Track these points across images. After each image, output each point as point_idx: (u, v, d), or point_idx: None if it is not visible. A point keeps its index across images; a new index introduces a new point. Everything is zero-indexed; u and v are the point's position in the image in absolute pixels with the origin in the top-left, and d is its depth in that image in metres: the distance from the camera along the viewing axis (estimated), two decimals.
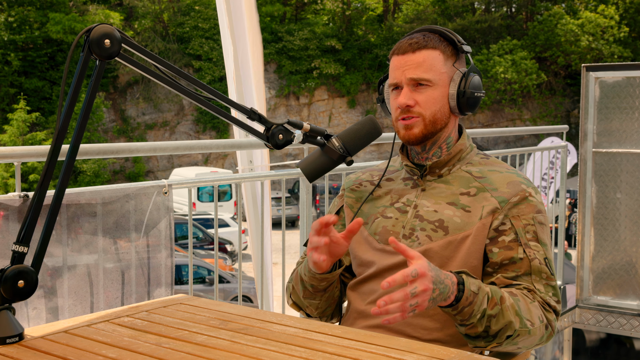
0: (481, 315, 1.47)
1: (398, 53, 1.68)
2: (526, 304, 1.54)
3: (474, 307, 1.46)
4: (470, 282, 1.47)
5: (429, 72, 1.64)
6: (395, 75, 1.67)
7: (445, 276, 1.43)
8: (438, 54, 1.65)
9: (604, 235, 3.98)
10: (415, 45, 1.65)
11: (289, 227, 19.66)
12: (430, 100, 1.65)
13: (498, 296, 1.50)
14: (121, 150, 2.44)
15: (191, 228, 2.61)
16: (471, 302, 1.46)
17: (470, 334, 1.51)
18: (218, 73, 26.81)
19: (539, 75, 28.44)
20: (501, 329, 1.49)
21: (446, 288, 1.42)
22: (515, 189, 1.65)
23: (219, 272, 10.73)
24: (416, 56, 1.65)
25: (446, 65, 1.66)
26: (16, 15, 25.33)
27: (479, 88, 1.68)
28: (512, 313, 1.50)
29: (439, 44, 1.66)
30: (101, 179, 23.62)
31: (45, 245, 1.36)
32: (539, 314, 1.56)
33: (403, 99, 1.65)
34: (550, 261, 1.63)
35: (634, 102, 3.87)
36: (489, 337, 1.50)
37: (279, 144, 1.60)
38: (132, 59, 1.42)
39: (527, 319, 1.52)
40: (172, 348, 1.29)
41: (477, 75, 1.69)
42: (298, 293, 1.75)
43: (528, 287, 1.59)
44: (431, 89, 1.65)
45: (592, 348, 4.17)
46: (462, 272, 1.49)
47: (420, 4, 30.60)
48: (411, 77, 1.65)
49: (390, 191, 1.75)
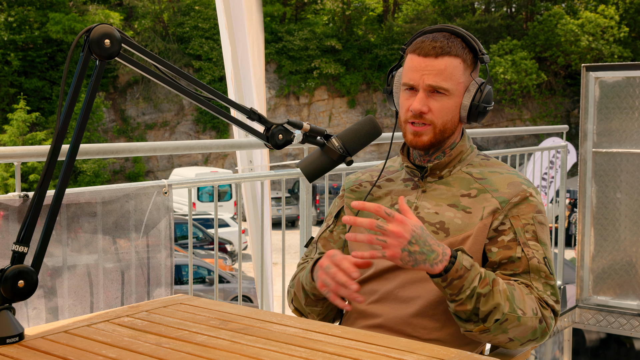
0: (471, 292, 1.48)
1: (420, 54, 1.63)
2: (521, 294, 1.54)
3: (463, 282, 1.47)
4: (463, 258, 1.48)
5: (448, 81, 1.61)
6: (413, 76, 1.63)
7: (435, 243, 1.46)
8: (459, 62, 1.62)
9: (604, 235, 3.98)
10: (439, 50, 1.61)
11: (289, 227, 19.66)
12: (444, 109, 1.63)
13: (491, 278, 1.51)
14: (121, 150, 2.44)
15: (191, 228, 2.61)
16: (461, 275, 1.46)
17: (459, 313, 1.51)
18: (218, 73, 26.80)
19: (539, 75, 28.43)
20: (490, 312, 1.49)
21: (432, 253, 1.45)
22: (515, 190, 1.65)
23: (219, 272, 10.73)
24: (438, 62, 1.61)
25: (465, 74, 1.64)
26: (16, 15, 25.33)
27: (490, 101, 1.67)
28: (503, 297, 1.50)
29: (462, 51, 1.63)
30: (101, 179, 23.61)
31: (45, 245, 1.36)
32: (534, 307, 1.55)
33: (418, 104, 1.62)
34: (550, 261, 1.63)
35: (634, 102, 3.87)
36: (478, 319, 1.50)
37: (278, 144, 1.60)
38: (132, 59, 1.42)
39: (519, 307, 1.52)
40: (172, 348, 1.29)
41: (491, 88, 1.67)
42: (300, 300, 1.74)
43: (526, 284, 1.59)
44: (447, 98, 1.63)
45: (592, 348, 4.17)
46: (459, 249, 1.50)
47: (420, 4, 30.60)
48: (429, 84, 1.61)
49: (391, 192, 1.75)
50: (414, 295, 1.62)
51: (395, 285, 1.64)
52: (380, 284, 1.66)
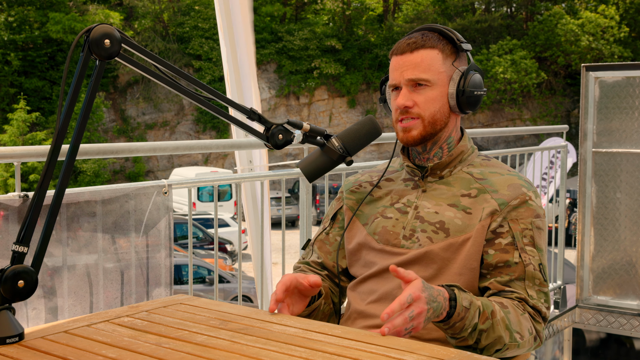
0: (472, 329, 1.48)
1: (397, 53, 1.67)
2: (517, 316, 1.55)
3: (465, 322, 1.47)
4: (462, 298, 1.47)
5: (427, 72, 1.63)
6: (394, 76, 1.67)
7: (437, 293, 1.43)
8: (436, 53, 1.64)
9: (604, 235, 3.98)
10: (413, 45, 1.64)
11: (288, 227, 19.67)
12: (429, 100, 1.64)
13: (489, 310, 1.51)
14: (121, 150, 2.44)
15: (191, 228, 2.61)
16: (462, 317, 1.46)
17: (460, 346, 1.53)
18: (218, 73, 26.81)
19: (539, 75, 28.44)
20: (490, 343, 1.51)
21: (439, 305, 1.43)
22: (515, 192, 1.65)
23: (219, 272, 10.73)
24: (414, 56, 1.64)
25: (445, 64, 1.65)
26: (16, 15, 25.33)
27: (479, 86, 1.67)
28: (503, 327, 1.51)
29: (438, 42, 1.65)
30: (101, 179, 23.62)
31: (45, 245, 1.36)
32: (529, 327, 1.57)
33: (401, 100, 1.65)
34: (545, 267, 1.64)
35: (634, 102, 3.87)
36: (478, 350, 1.52)
37: (278, 144, 1.60)
38: (132, 59, 1.42)
39: (517, 332, 1.53)
40: (172, 348, 1.29)
41: (478, 74, 1.67)
42: None
43: (519, 296, 1.59)
44: (430, 89, 1.64)
45: (592, 348, 4.17)
46: (454, 286, 1.49)
47: (420, 4, 30.61)
48: (409, 78, 1.64)
49: (391, 192, 1.75)
50: None
51: (394, 285, 1.64)
52: (380, 284, 1.66)
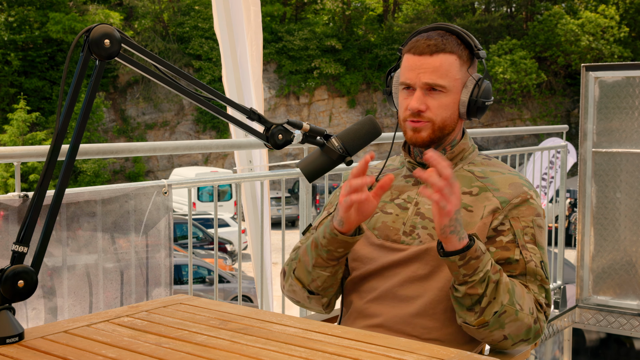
0: (484, 275, 1.49)
1: (415, 53, 1.64)
2: (522, 291, 1.56)
3: (479, 264, 1.48)
4: (480, 242, 1.50)
5: (445, 78, 1.62)
6: (409, 75, 1.64)
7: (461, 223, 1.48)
8: (455, 59, 1.62)
9: (604, 235, 3.98)
10: (434, 48, 1.61)
11: (288, 227, 19.65)
12: (442, 106, 1.63)
13: (498, 268, 1.53)
14: (121, 150, 2.44)
15: (191, 228, 2.61)
16: (478, 256, 1.48)
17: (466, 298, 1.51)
18: (218, 73, 26.79)
19: (539, 75, 28.44)
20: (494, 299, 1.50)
21: (462, 229, 1.47)
22: (517, 191, 1.65)
23: (219, 272, 10.73)
24: (433, 60, 1.61)
25: (461, 71, 1.64)
26: (16, 15, 25.33)
27: (489, 96, 1.66)
28: (504, 289, 1.52)
29: (457, 47, 1.63)
30: (101, 179, 23.61)
31: (45, 245, 1.36)
32: (531, 306, 1.57)
33: (415, 103, 1.63)
34: (546, 265, 1.64)
35: (634, 102, 3.87)
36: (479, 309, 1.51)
37: (278, 144, 1.60)
38: (132, 59, 1.42)
39: (517, 302, 1.54)
40: (172, 348, 1.29)
41: (489, 83, 1.67)
42: (306, 265, 1.66)
43: (524, 284, 1.60)
44: (444, 95, 1.63)
45: (592, 348, 4.17)
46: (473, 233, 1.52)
47: (420, 4, 30.59)
48: (426, 82, 1.62)
49: (391, 187, 1.75)
50: (413, 294, 1.62)
51: (394, 283, 1.64)
52: (380, 282, 1.66)
